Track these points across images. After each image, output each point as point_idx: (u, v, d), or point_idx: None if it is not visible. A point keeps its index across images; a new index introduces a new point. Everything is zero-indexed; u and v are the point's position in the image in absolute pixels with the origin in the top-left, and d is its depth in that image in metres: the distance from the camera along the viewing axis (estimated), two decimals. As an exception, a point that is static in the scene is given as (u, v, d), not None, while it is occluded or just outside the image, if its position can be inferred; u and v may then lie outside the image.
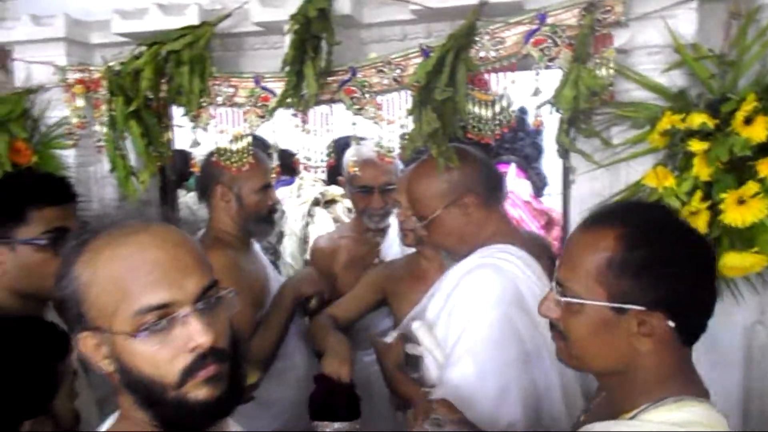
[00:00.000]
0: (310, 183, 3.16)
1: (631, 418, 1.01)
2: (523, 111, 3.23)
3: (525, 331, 1.45)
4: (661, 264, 0.99)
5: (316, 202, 3.21)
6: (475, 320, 1.48)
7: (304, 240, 3.09)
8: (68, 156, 2.00)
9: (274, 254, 2.86)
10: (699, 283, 1.01)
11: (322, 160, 1.72)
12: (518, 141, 5.09)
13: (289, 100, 1.67)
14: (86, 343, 0.89)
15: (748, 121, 1.37)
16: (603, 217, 1.07)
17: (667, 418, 0.98)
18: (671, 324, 0.98)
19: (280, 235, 2.42)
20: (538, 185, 4.23)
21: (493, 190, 1.65)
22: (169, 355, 0.86)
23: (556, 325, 1.09)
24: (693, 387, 1.02)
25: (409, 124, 1.62)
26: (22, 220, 1.51)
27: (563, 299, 1.05)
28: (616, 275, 0.99)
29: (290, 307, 1.94)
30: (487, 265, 1.53)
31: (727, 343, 1.65)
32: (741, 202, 1.38)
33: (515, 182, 4.32)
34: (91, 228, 0.94)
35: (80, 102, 1.91)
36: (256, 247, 2.12)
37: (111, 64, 1.83)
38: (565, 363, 1.11)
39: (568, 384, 1.50)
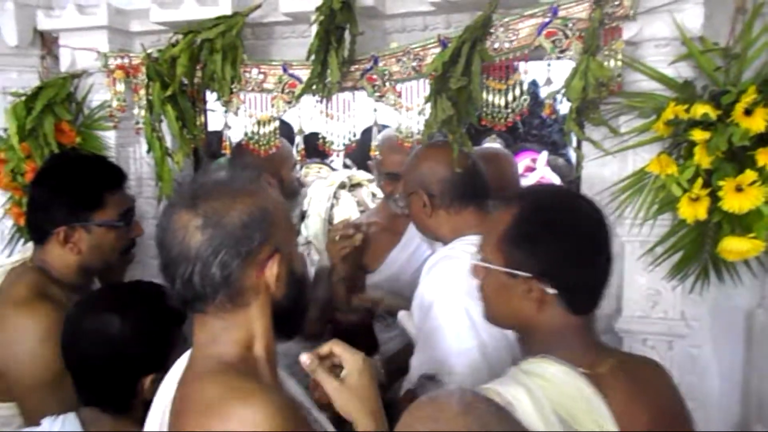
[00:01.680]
0: (315, 170, 3.28)
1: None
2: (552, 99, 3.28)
3: (481, 321, 1.45)
4: (543, 238, 1.15)
5: (342, 186, 3.32)
6: (433, 311, 1.56)
7: (328, 221, 3.20)
8: (109, 137, 2.13)
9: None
10: (581, 260, 1.15)
11: (344, 144, 1.83)
12: (546, 128, 5.12)
13: (313, 87, 1.77)
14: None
15: (748, 112, 1.43)
16: (512, 200, 1.24)
17: (526, 367, 1.12)
18: (551, 291, 1.13)
19: (302, 215, 2.53)
20: (564, 172, 4.27)
21: (460, 195, 1.70)
22: None
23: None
24: (571, 352, 1.13)
25: (427, 111, 1.71)
26: (100, 205, 1.66)
27: (474, 262, 1.24)
28: (510, 246, 1.17)
29: None
30: (449, 257, 1.62)
31: (729, 325, 1.72)
32: (739, 189, 1.44)
33: (545, 169, 4.39)
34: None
35: (120, 86, 2.04)
36: None
37: (149, 51, 1.95)
38: (487, 320, 1.28)
39: None
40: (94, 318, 1.36)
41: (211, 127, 2.17)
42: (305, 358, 1.12)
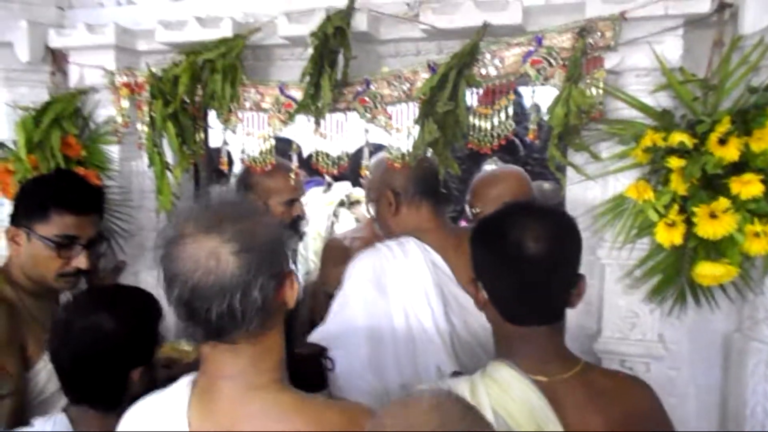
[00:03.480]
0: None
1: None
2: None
3: (373, 308, 1.71)
4: (477, 246, 1.27)
5: (341, 203, 3.39)
6: (341, 290, 1.80)
7: (329, 239, 3.28)
8: (113, 151, 2.21)
9: (293, 253, 3.04)
10: (500, 272, 1.23)
11: (334, 164, 1.89)
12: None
13: (306, 108, 1.84)
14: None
15: (722, 141, 1.48)
16: None
17: (487, 368, 1.22)
18: (485, 296, 1.23)
19: (300, 237, 2.59)
20: (549, 196, 4.31)
21: (421, 193, 1.86)
22: None
23: None
24: (526, 359, 1.20)
25: (416, 133, 1.77)
26: (44, 217, 1.72)
27: None
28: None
29: None
30: (373, 248, 1.84)
31: (707, 349, 1.76)
32: (713, 216, 1.49)
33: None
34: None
35: (125, 103, 2.12)
36: None
37: (153, 69, 2.03)
38: None
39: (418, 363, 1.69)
40: (86, 318, 1.43)
41: (212, 144, 2.25)
42: None
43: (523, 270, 1.19)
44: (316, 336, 1.76)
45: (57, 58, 2.28)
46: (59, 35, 2.21)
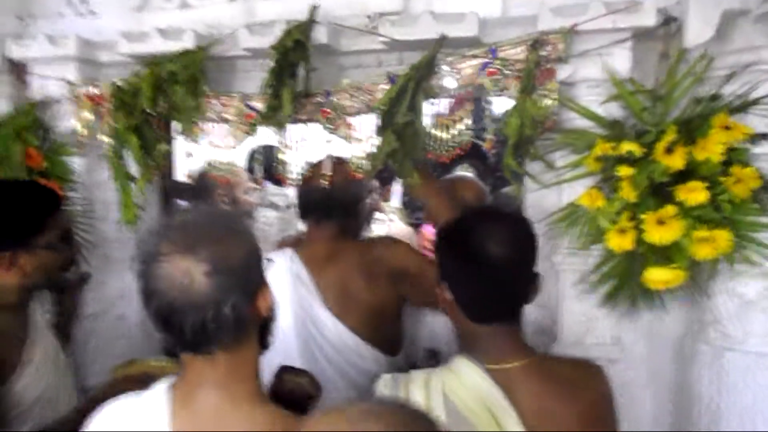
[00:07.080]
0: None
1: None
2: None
3: None
4: (441, 252, 1.32)
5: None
6: None
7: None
8: (76, 163, 2.20)
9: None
10: (465, 276, 1.28)
11: (298, 174, 1.91)
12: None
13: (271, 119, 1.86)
14: None
15: (669, 150, 1.53)
16: None
17: (449, 362, 1.29)
18: (450, 297, 1.28)
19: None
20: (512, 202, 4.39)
21: (302, 208, 2.02)
22: None
23: None
24: (484, 353, 1.27)
25: (376, 144, 1.80)
26: (43, 229, 1.72)
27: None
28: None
29: None
30: None
31: (663, 350, 1.81)
32: (661, 222, 1.54)
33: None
34: None
35: (87, 114, 2.11)
36: None
37: (116, 81, 2.03)
38: None
39: None
40: None
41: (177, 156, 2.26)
42: None
43: (488, 273, 1.25)
44: None
45: (18, 69, 2.26)
46: (19, 46, 2.19)
